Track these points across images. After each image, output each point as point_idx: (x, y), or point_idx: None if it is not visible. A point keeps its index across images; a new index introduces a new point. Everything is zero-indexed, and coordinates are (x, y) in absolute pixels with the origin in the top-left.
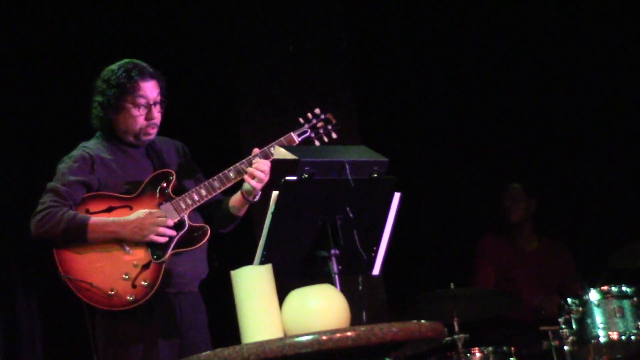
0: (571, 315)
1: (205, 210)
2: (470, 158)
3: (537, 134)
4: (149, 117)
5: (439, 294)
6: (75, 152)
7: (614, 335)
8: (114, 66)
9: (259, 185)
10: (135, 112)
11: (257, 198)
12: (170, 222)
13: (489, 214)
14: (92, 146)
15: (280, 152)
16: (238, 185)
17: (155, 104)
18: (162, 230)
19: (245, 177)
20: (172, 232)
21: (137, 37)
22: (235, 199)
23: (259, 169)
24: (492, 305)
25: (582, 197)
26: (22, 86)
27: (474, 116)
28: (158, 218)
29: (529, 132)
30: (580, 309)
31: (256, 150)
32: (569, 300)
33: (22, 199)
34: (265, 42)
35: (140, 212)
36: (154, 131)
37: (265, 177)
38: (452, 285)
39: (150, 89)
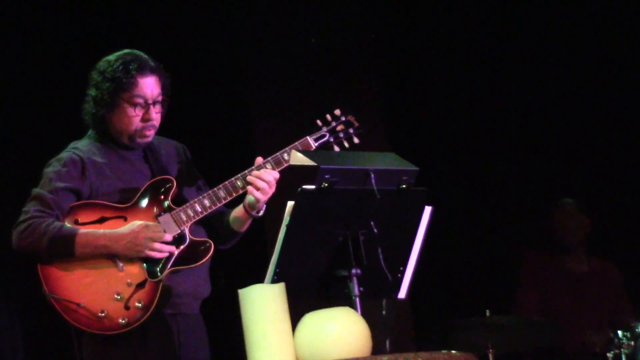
0: (621, 350)
1: (207, 223)
2: (512, 169)
3: (587, 143)
4: (145, 118)
5: (472, 322)
6: (65, 155)
7: None
8: (111, 56)
9: (262, 198)
10: (131, 111)
11: (261, 213)
12: (168, 237)
13: (533, 232)
14: (83, 147)
15: (297, 158)
16: (243, 196)
17: (154, 103)
18: (158, 246)
19: (248, 187)
20: (171, 248)
21: (141, 26)
22: (238, 211)
23: (261, 178)
24: (533, 336)
25: (637, 216)
26: (5, 78)
27: (517, 121)
28: (154, 232)
29: (579, 140)
30: (632, 342)
31: (259, 160)
32: (620, 332)
33: (4, 206)
34: (284, 34)
35: (134, 225)
36: (151, 133)
37: (269, 189)
38: (487, 313)
39: (149, 87)
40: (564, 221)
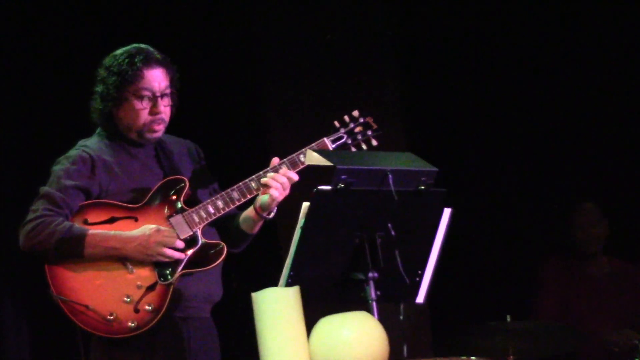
0: None
1: (218, 225)
2: (534, 170)
3: (608, 143)
4: (153, 111)
5: (492, 327)
6: (74, 152)
7: None
8: (118, 51)
9: (276, 198)
10: (138, 104)
11: (272, 215)
12: (180, 244)
13: (553, 236)
14: (92, 145)
15: (313, 158)
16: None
17: (162, 96)
18: (169, 252)
19: (262, 188)
20: (181, 255)
21: (155, 23)
22: (248, 212)
23: (275, 179)
24: (554, 341)
25: None
26: (10, 74)
27: (539, 122)
28: (166, 237)
29: (599, 140)
30: None
31: (275, 161)
32: None
33: (11, 204)
34: (298, 30)
35: (146, 228)
36: (160, 128)
37: (284, 191)
38: (508, 318)
39: (156, 79)
40: (586, 226)
